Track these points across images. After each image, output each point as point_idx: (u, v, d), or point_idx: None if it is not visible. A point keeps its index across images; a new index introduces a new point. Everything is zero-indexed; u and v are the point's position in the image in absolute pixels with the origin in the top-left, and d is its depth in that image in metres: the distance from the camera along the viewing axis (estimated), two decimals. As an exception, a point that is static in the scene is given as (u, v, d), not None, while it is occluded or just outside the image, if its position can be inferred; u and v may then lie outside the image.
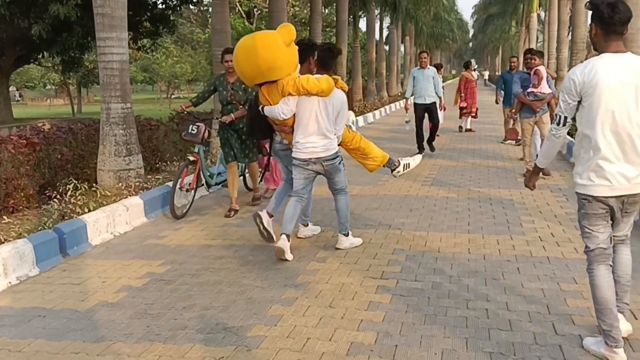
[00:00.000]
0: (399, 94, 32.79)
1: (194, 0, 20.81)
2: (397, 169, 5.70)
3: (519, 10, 42.72)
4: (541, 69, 8.44)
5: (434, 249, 5.35)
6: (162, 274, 4.87)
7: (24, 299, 4.42)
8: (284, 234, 5.15)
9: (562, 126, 3.35)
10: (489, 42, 68.88)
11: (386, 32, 36.71)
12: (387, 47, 37.33)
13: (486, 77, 63.87)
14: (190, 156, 6.86)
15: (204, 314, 4.01)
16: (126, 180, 7.18)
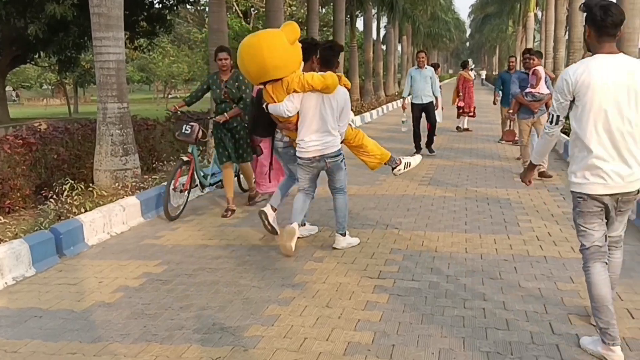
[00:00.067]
0: (396, 93, 32.82)
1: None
2: (398, 167, 5.73)
3: (516, 9, 42.78)
4: (539, 69, 8.41)
5: (431, 249, 5.35)
6: (158, 274, 4.86)
7: (20, 299, 4.41)
8: (295, 222, 5.29)
9: (555, 125, 3.43)
10: (486, 42, 68.99)
11: (383, 32, 36.77)
12: (384, 47, 37.30)
13: (483, 76, 63.91)
14: (184, 156, 6.79)
15: (201, 314, 4.00)
16: (123, 180, 7.17)
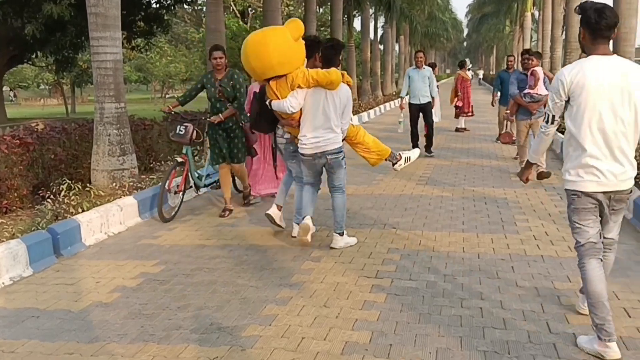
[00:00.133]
0: (394, 93, 32.82)
1: (188, -1, 20.81)
2: (398, 163, 5.80)
3: (513, 9, 42.82)
4: (538, 70, 8.35)
5: (428, 248, 5.36)
6: (156, 274, 4.86)
7: (17, 299, 4.40)
8: (307, 216, 5.39)
9: (551, 124, 3.51)
10: (483, 42, 69.04)
11: (380, 32, 36.81)
12: (381, 47, 37.34)
13: (480, 76, 63.93)
14: (178, 157, 6.73)
15: (198, 314, 4.00)
16: (120, 180, 7.16)
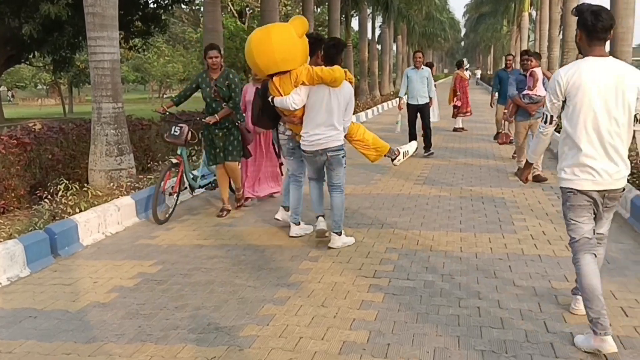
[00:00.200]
0: (391, 93, 32.84)
1: (186, -1, 20.77)
2: (397, 158, 5.85)
3: (511, 9, 42.91)
4: (537, 71, 8.28)
5: (426, 248, 5.37)
6: (153, 274, 4.85)
7: (14, 299, 4.40)
8: (319, 216, 5.55)
9: (549, 124, 3.57)
10: (481, 41, 69.12)
11: (378, 31, 36.79)
12: (379, 46, 37.37)
13: (478, 76, 63.96)
14: (172, 158, 6.66)
15: (196, 314, 4.00)
16: (117, 180, 7.15)
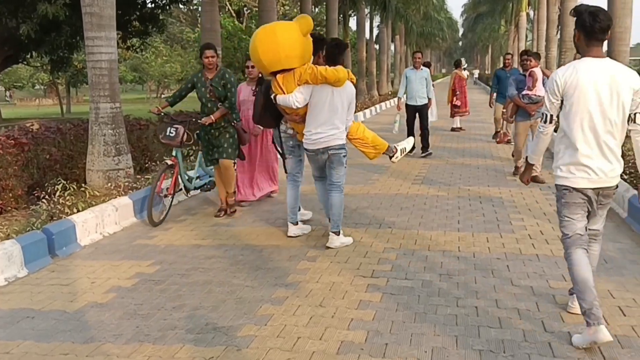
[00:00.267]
0: (389, 92, 32.87)
1: (184, -1, 20.74)
2: (395, 155, 5.86)
3: (508, 9, 42.90)
4: (536, 71, 8.27)
5: (424, 247, 5.37)
6: (151, 274, 4.85)
7: (12, 300, 4.39)
8: (330, 224, 5.52)
9: (549, 123, 3.61)
10: (479, 41, 69.14)
11: (376, 31, 36.74)
12: (377, 46, 37.31)
13: (476, 75, 64.01)
14: (167, 160, 6.61)
15: (194, 314, 4.00)
16: (115, 180, 7.15)
